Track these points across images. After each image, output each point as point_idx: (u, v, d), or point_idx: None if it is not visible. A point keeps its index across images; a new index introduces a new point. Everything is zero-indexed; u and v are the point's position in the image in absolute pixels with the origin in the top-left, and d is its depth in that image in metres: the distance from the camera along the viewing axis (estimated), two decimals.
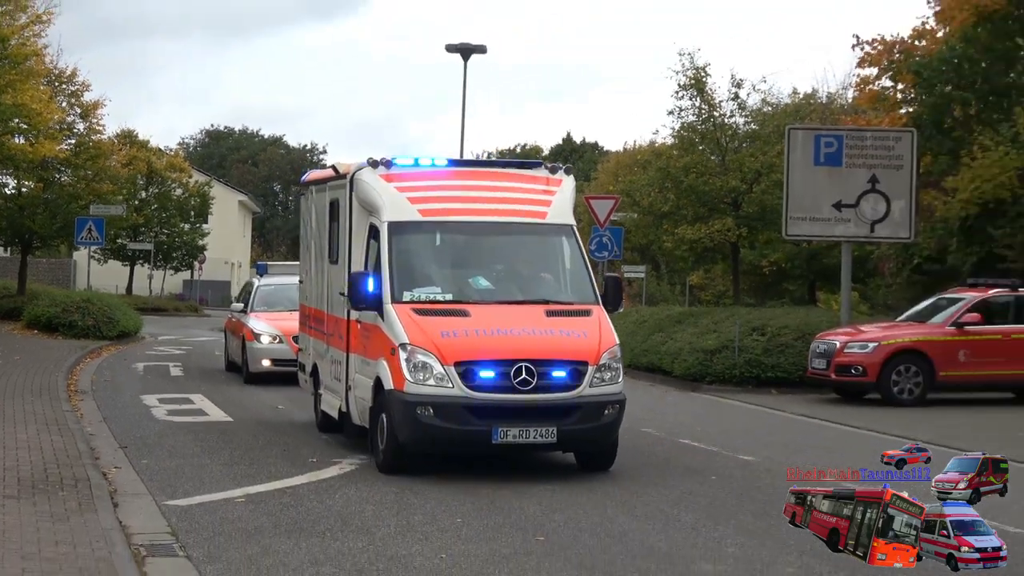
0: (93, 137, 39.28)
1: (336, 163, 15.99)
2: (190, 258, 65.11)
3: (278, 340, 23.26)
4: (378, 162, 14.33)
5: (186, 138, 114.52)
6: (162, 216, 61.62)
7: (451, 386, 12.67)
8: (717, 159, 36.89)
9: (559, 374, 12.87)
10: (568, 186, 14.64)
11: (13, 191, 39.03)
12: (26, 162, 34.63)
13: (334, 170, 15.85)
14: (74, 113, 38.73)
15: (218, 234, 70.71)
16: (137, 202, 57.76)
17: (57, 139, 36.03)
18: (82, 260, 53.43)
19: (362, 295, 13.52)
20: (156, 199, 61.54)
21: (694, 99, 36.56)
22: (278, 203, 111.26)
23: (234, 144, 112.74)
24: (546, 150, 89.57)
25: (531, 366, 12.71)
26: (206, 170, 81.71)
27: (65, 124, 37.90)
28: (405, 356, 12.81)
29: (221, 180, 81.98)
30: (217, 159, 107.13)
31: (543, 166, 14.95)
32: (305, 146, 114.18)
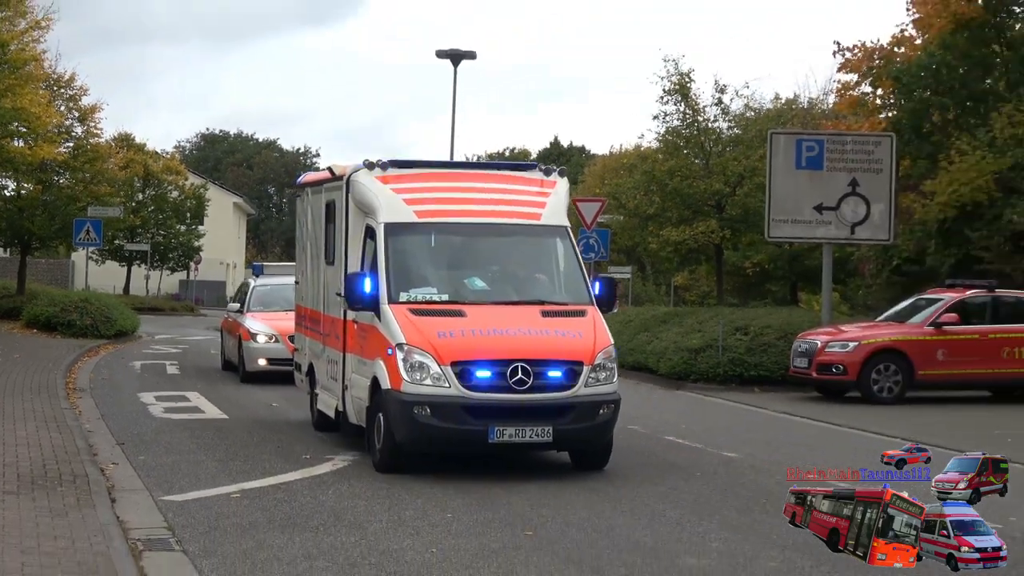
0: (91, 140, 39.44)
1: (332, 165, 15.98)
2: (186, 259, 65.32)
3: (274, 339, 23.37)
4: (374, 164, 14.38)
5: (182, 142, 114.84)
6: (158, 218, 61.86)
7: (448, 386, 12.72)
8: (701, 163, 37.10)
9: (555, 374, 12.91)
10: (562, 188, 14.70)
11: (12, 193, 39.17)
12: (25, 165, 34.75)
13: (330, 172, 15.86)
14: (72, 117, 38.88)
15: (213, 235, 70.81)
16: (134, 204, 57.93)
17: (56, 142, 36.17)
18: (80, 261, 53.46)
19: (359, 295, 13.54)
20: (153, 201, 61.76)
21: (679, 104, 36.81)
22: (272, 205, 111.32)
23: (229, 147, 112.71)
24: (534, 153, 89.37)
25: (527, 366, 12.75)
26: (202, 173, 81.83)
27: (63, 128, 38.04)
28: (402, 356, 12.84)
29: (216, 183, 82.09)
30: (212, 162, 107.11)
31: (538, 168, 14.97)
32: (299, 149, 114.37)
